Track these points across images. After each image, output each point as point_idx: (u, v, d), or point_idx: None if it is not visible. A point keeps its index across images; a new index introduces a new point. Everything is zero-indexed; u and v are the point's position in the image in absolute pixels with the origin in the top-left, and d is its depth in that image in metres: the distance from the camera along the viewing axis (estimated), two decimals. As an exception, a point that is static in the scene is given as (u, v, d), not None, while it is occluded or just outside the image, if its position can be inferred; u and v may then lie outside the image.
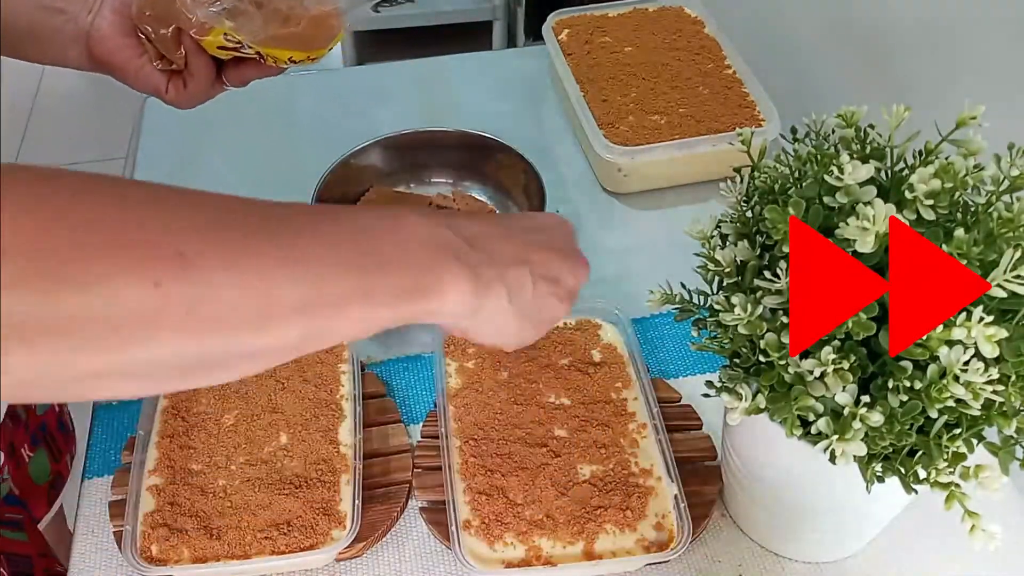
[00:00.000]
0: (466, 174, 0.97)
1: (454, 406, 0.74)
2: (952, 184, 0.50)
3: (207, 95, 0.73)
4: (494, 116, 1.04)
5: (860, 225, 0.48)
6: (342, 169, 0.91)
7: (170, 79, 0.71)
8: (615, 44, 1.07)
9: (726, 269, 0.56)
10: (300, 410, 0.74)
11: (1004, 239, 0.49)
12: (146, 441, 0.72)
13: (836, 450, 0.50)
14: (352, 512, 0.67)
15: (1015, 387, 0.48)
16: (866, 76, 1.03)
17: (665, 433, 0.71)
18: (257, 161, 1.02)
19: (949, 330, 0.47)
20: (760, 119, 0.96)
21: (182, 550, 0.65)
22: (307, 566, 0.67)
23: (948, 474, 0.50)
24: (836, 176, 0.50)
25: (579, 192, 0.99)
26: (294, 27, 0.67)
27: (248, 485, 0.69)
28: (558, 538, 0.66)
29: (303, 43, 0.69)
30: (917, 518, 0.66)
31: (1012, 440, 0.51)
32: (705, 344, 0.58)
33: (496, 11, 2.45)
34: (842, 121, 0.56)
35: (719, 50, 1.05)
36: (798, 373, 0.51)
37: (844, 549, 0.68)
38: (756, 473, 0.63)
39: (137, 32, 0.70)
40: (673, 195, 0.97)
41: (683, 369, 0.81)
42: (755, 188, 0.58)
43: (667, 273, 0.64)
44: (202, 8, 0.65)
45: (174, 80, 0.71)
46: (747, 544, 0.69)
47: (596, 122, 0.96)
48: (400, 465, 0.73)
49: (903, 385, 0.49)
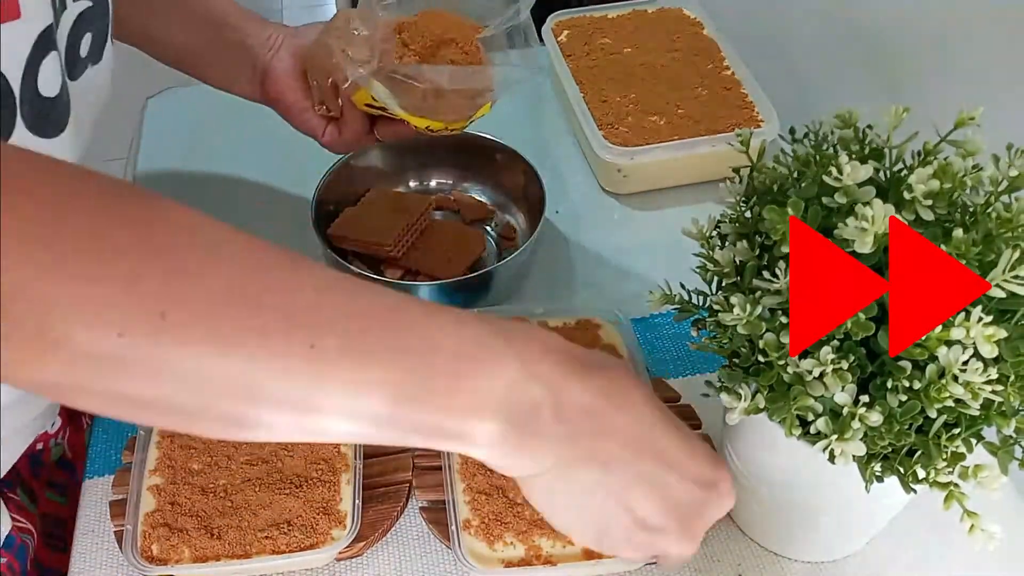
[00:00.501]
0: (466, 174, 0.97)
1: (454, 406, 0.74)
2: (951, 184, 0.50)
3: (359, 144, 0.80)
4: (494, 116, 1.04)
5: (859, 225, 0.48)
6: (342, 170, 0.91)
7: (328, 125, 0.77)
8: (615, 45, 1.08)
9: (725, 269, 0.57)
10: (300, 410, 0.74)
11: (1003, 239, 0.49)
12: (146, 441, 0.72)
13: (835, 450, 0.50)
14: (352, 512, 0.67)
15: (1014, 387, 0.48)
16: (865, 76, 1.03)
17: (665, 433, 0.71)
18: (258, 161, 1.02)
19: (948, 330, 0.47)
20: (759, 120, 0.96)
21: (183, 550, 0.65)
22: (307, 565, 0.68)
23: (947, 474, 0.51)
24: (835, 176, 0.50)
25: (579, 192, 0.99)
26: (435, 100, 0.70)
27: (248, 485, 0.69)
28: (558, 537, 0.66)
29: (442, 115, 0.72)
30: (916, 518, 0.66)
31: (1011, 440, 0.51)
32: (704, 344, 0.58)
33: (496, 12, 2.45)
34: (840, 122, 0.56)
35: (718, 51, 1.05)
36: (797, 373, 0.51)
37: (844, 549, 0.68)
38: (756, 473, 0.63)
39: (306, 77, 0.75)
40: (672, 195, 0.97)
41: (683, 369, 0.81)
42: (754, 188, 0.58)
43: (667, 273, 0.64)
44: (352, 68, 0.68)
45: (332, 126, 0.77)
46: (747, 544, 0.69)
47: (595, 123, 0.96)
48: (400, 465, 0.73)
49: (902, 385, 0.49)
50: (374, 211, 0.90)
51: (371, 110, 0.74)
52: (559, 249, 0.92)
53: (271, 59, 0.76)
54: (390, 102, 0.70)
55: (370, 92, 0.71)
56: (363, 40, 0.68)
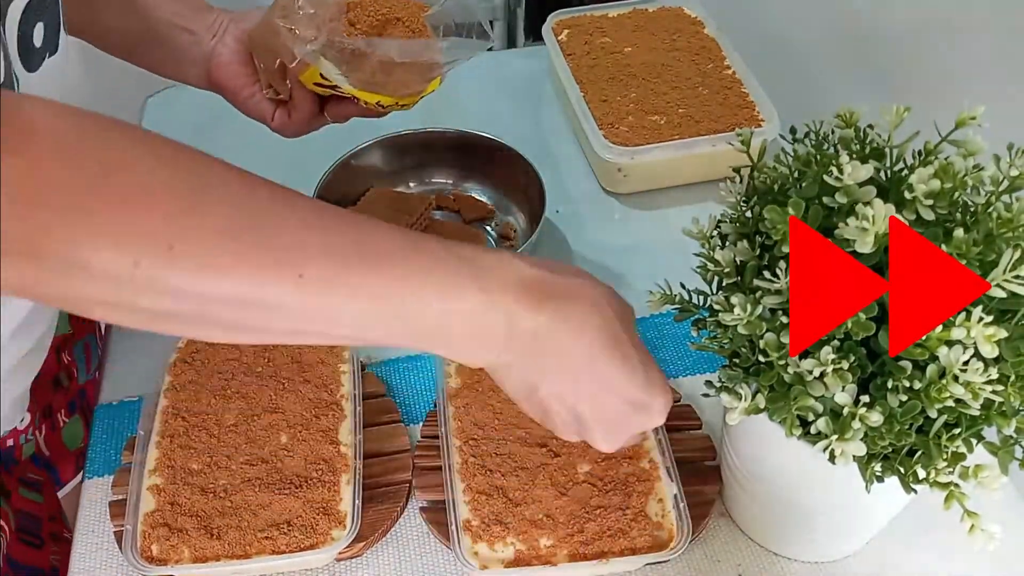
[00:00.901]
0: (466, 174, 0.97)
1: (454, 406, 0.74)
2: (951, 184, 0.50)
3: (310, 126, 0.78)
4: (494, 116, 1.04)
5: (859, 225, 0.48)
6: (342, 169, 0.91)
7: (277, 108, 0.76)
8: (615, 44, 1.08)
9: (725, 269, 0.57)
10: (300, 410, 0.74)
11: (1003, 239, 0.49)
12: (146, 441, 0.72)
13: (835, 450, 0.50)
14: (352, 512, 0.67)
15: (1014, 387, 0.48)
16: (866, 76, 1.04)
17: (665, 433, 0.71)
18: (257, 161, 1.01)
19: (948, 330, 0.47)
20: (759, 119, 0.96)
21: (182, 550, 0.65)
22: (307, 566, 0.68)
23: (947, 474, 0.51)
24: (836, 176, 0.50)
25: (579, 192, 0.99)
26: (384, 75, 0.69)
27: (248, 485, 0.69)
28: (558, 538, 0.66)
29: (393, 90, 0.71)
30: (917, 518, 0.66)
31: (1011, 440, 0.51)
32: (705, 344, 0.58)
33: (496, 11, 2.45)
34: (841, 121, 0.56)
35: (719, 50, 1.05)
36: (797, 373, 0.51)
37: (844, 549, 0.68)
38: (756, 473, 0.63)
39: (252, 61, 0.74)
40: (673, 195, 0.97)
41: (683, 369, 0.81)
42: (754, 188, 0.58)
43: (667, 273, 0.64)
44: (300, 46, 0.67)
45: (280, 110, 0.76)
46: (747, 544, 0.69)
47: (596, 122, 0.96)
48: (400, 465, 0.73)
49: (902, 385, 0.49)
50: (374, 211, 0.90)
51: (320, 89, 0.72)
52: (559, 249, 0.92)
53: (215, 45, 0.74)
54: (340, 79, 0.69)
55: (319, 70, 0.69)
56: (309, 18, 0.67)
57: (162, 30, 0.75)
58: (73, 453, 0.84)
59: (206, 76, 0.76)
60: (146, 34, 0.75)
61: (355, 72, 0.69)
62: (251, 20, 0.74)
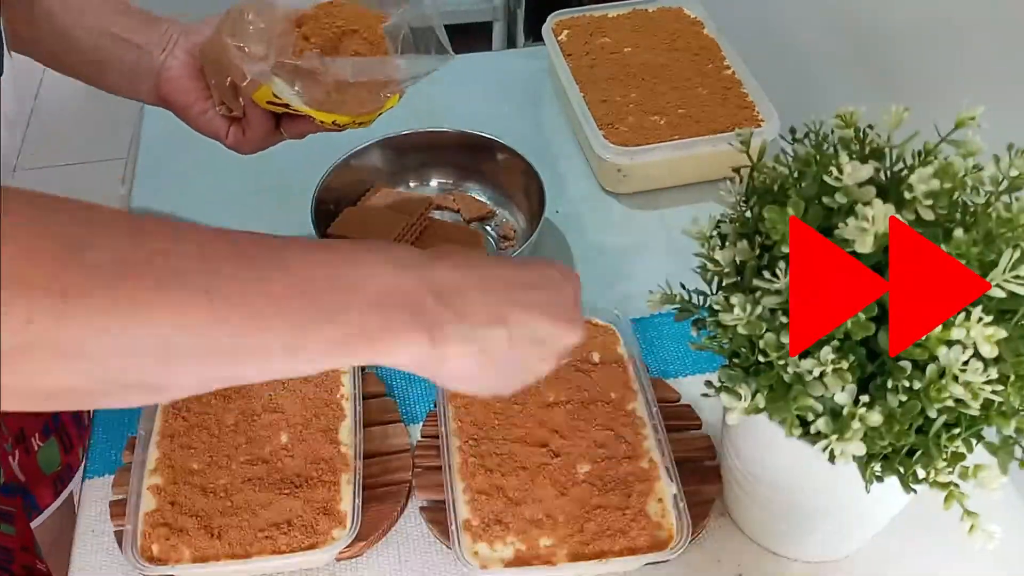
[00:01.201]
0: (466, 174, 0.97)
1: (454, 406, 0.74)
2: (951, 184, 0.50)
3: (266, 143, 0.74)
4: (494, 116, 1.04)
5: (859, 225, 0.48)
6: (342, 170, 0.91)
7: (231, 125, 0.73)
8: (615, 45, 1.08)
9: (725, 269, 0.57)
10: (300, 410, 0.74)
11: (1003, 239, 0.49)
12: (147, 441, 0.72)
13: (835, 450, 0.50)
14: (352, 512, 0.67)
15: (1014, 387, 0.48)
16: (865, 76, 1.04)
17: (664, 433, 0.71)
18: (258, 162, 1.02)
19: (948, 330, 0.47)
20: (759, 119, 0.96)
21: (183, 550, 0.65)
22: (307, 565, 0.68)
23: (947, 474, 0.51)
24: (835, 176, 0.50)
25: (579, 192, 0.99)
26: (340, 93, 0.67)
27: (249, 485, 0.69)
28: (558, 537, 0.66)
29: (349, 109, 0.69)
30: (916, 518, 0.66)
31: (1011, 440, 0.51)
32: (704, 344, 0.58)
33: (496, 11, 2.45)
34: (841, 121, 0.56)
35: (718, 51, 1.05)
36: (797, 373, 0.51)
37: (844, 549, 0.68)
38: (756, 473, 0.63)
39: (204, 76, 0.71)
40: (673, 195, 0.97)
41: (683, 369, 0.81)
42: (754, 188, 0.58)
43: (667, 273, 0.64)
44: (251, 65, 0.65)
45: (235, 127, 0.73)
46: (747, 544, 0.69)
47: (596, 122, 0.96)
48: (400, 465, 0.73)
49: (902, 385, 0.49)
50: (374, 211, 0.90)
51: (274, 107, 0.69)
52: (559, 249, 0.92)
53: (165, 58, 0.71)
54: (293, 99, 0.66)
55: (271, 89, 0.66)
56: (259, 34, 0.64)
57: (113, 48, 0.71)
58: (50, 477, 0.82)
59: (156, 92, 0.72)
60: (99, 54, 0.71)
61: (309, 91, 0.66)
62: (204, 33, 0.70)
